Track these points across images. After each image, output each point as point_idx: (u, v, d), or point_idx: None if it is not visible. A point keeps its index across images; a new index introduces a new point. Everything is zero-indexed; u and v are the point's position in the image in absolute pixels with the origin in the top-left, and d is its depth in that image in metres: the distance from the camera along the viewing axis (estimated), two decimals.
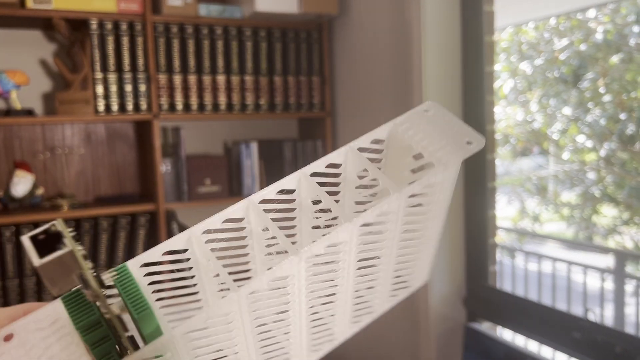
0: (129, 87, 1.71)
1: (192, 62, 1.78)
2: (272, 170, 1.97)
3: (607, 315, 2.92)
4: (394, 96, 1.67)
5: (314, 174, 0.34)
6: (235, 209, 0.33)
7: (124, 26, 1.69)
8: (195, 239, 0.32)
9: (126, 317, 0.28)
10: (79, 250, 0.28)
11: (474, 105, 1.53)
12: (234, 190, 1.95)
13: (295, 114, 1.94)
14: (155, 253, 0.31)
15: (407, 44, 1.56)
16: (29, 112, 1.68)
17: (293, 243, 0.30)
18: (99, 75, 1.67)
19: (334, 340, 0.36)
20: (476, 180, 1.54)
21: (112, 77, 1.69)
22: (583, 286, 2.87)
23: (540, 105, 3.88)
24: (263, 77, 1.88)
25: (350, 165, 0.35)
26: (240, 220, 0.33)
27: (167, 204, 1.80)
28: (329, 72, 1.99)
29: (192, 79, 1.79)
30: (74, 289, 0.28)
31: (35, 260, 0.26)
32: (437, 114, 0.35)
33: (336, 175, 0.35)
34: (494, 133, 1.54)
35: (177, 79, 1.77)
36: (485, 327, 1.52)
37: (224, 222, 0.33)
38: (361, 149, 0.34)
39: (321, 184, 0.34)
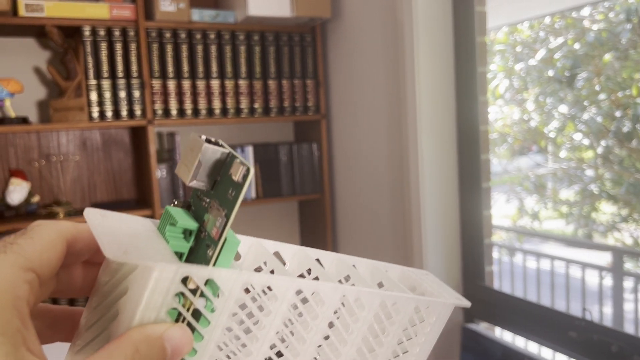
0: (123, 94, 1.71)
1: (185, 67, 1.79)
2: (268, 174, 1.97)
3: (605, 313, 2.92)
4: (387, 97, 1.67)
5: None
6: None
7: (117, 33, 1.69)
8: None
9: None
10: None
11: (467, 106, 1.53)
12: None
13: (290, 117, 1.94)
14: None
15: (399, 46, 1.56)
16: (23, 120, 1.68)
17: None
18: (92, 82, 1.67)
19: None
20: (471, 181, 1.54)
21: (106, 83, 1.69)
22: (582, 284, 2.87)
23: (537, 104, 3.88)
24: (257, 81, 1.88)
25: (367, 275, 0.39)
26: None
27: (164, 209, 1.79)
28: (323, 75, 1.99)
29: (186, 84, 1.79)
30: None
31: (203, 141, 0.27)
32: (433, 279, 0.41)
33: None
34: (487, 133, 1.54)
35: (171, 85, 1.77)
36: (482, 327, 1.52)
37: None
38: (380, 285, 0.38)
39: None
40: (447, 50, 1.54)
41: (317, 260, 0.37)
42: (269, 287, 0.29)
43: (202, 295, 0.27)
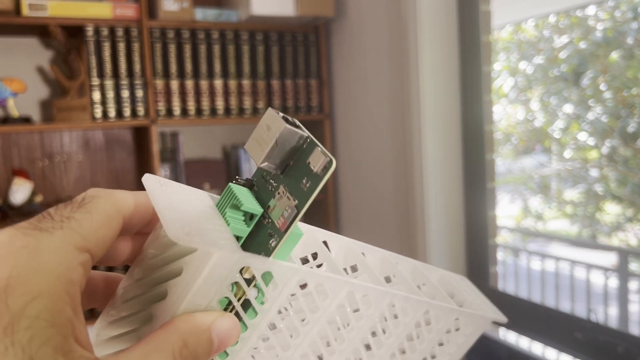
0: (126, 93, 1.71)
1: (189, 66, 1.78)
2: None
3: (611, 314, 2.91)
4: (391, 97, 1.66)
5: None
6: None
7: (120, 32, 1.69)
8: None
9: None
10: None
11: (472, 106, 1.52)
12: None
13: (293, 116, 1.93)
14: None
15: (404, 45, 1.56)
16: (26, 120, 1.68)
17: None
18: (95, 81, 1.67)
19: None
20: (476, 181, 1.53)
21: (109, 83, 1.69)
22: (587, 285, 2.85)
23: (541, 103, 3.87)
24: (260, 81, 1.88)
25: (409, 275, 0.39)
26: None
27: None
28: (327, 75, 1.98)
29: (189, 83, 1.78)
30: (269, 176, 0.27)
31: (283, 122, 0.25)
32: (470, 285, 0.41)
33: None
34: (492, 133, 1.53)
35: (174, 84, 1.77)
36: (487, 328, 1.51)
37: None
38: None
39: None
40: (451, 49, 1.53)
41: (362, 254, 0.36)
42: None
43: (255, 285, 0.26)
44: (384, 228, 1.76)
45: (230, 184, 0.27)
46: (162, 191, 0.25)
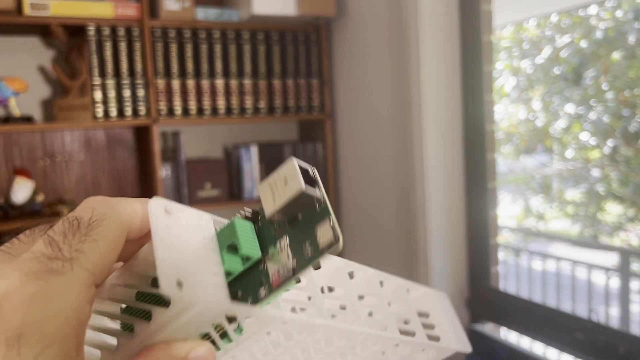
0: (127, 93, 1.71)
1: (190, 66, 1.78)
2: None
3: (612, 314, 2.90)
4: (393, 97, 1.66)
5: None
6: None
7: (121, 31, 1.69)
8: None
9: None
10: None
11: (474, 105, 1.52)
12: (234, 194, 1.94)
13: (294, 116, 1.93)
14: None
15: (405, 45, 1.55)
16: (28, 119, 1.68)
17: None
18: (97, 81, 1.67)
19: None
20: (477, 181, 1.53)
21: (111, 82, 1.69)
22: (588, 285, 2.85)
23: (543, 103, 3.86)
24: (262, 80, 1.88)
25: (386, 292, 0.40)
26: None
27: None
28: (328, 74, 1.98)
29: (191, 83, 1.78)
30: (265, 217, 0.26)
31: (302, 182, 0.24)
32: (447, 306, 0.41)
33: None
34: (493, 133, 1.53)
35: (176, 84, 1.77)
36: (488, 328, 1.51)
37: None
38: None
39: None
40: (453, 49, 1.53)
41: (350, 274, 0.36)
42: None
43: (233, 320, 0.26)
44: (385, 228, 1.76)
45: (234, 218, 0.27)
46: (165, 224, 0.25)
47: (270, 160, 1.96)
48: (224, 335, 0.26)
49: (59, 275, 0.22)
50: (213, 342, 0.26)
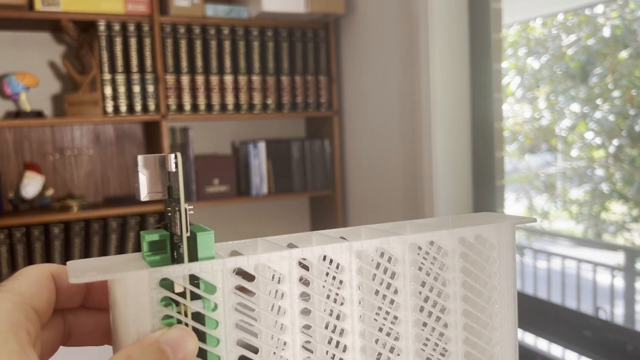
0: (137, 88, 1.71)
1: (199, 62, 1.79)
2: (280, 170, 1.97)
3: (617, 313, 2.91)
4: (401, 94, 1.67)
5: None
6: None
7: (131, 27, 1.69)
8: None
9: None
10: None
11: (482, 103, 1.52)
12: (242, 190, 1.95)
13: (302, 113, 1.94)
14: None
15: (414, 42, 1.56)
16: (38, 114, 1.69)
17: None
18: (107, 76, 1.68)
19: None
20: (485, 178, 1.54)
21: (120, 78, 1.70)
22: (593, 284, 2.85)
23: (548, 102, 3.86)
24: (270, 77, 1.88)
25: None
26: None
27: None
28: (336, 71, 1.98)
29: (200, 79, 1.79)
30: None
31: (139, 157, 0.28)
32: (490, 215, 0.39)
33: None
34: (502, 131, 1.53)
35: (185, 80, 1.78)
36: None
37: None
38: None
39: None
40: (462, 46, 1.54)
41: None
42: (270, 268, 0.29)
43: (194, 298, 0.27)
44: None
45: (141, 231, 0.30)
46: (83, 263, 0.27)
47: (278, 157, 1.97)
48: (201, 318, 0.27)
49: None
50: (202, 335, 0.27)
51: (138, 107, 1.72)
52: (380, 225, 0.36)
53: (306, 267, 0.30)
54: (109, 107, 1.69)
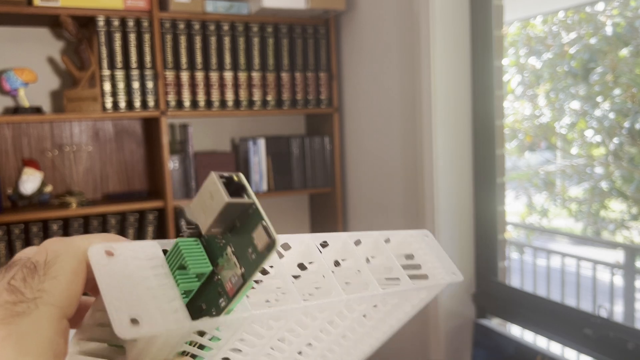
0: (136, 84, 1.71)
1: (199, 58, 1.78)
2: (280, 167, 1.96)
3: (617, 311, 2.91)
4: (402, 91, 1.66)
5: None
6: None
7: (131, 23, 1.69)
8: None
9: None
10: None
11: (483, 100, 1.52)
12: None
13: (302, 110, 1.93)
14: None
15: (415, 39, 1.55)
16: (37, 110, 1.68)
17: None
18: (106, 72, 1.67)
19: None
20: (486, 176, 1.53)
21: (120, 74, 1.69)
22: (592, 281, 2.85)
23: (548, 99, 3.85)
24: (270, 74, 1.87)
25: (366, 247, 0.39)
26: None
27: (176, 200, 1.80)
28: (337, 68, 1.98)
29: (200, 75, 1.78)
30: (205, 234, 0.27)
31: (226, 195, 0.25)
32: (432, 242, 0.41)
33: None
34: (503, 128, 1.53)
35: (185, 76, 1.77)
36: (494, 323, 1.52)
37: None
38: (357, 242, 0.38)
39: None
40: (463, 43, 1.53)
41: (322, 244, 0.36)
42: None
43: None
44: (392, 222, 1.76)
45: (178, 239, 0.27)
46: (107, 267, 0.25)
47: (278, 154, 1.97)
48: (202, 346, 0.27)
49: (25, 316, 0.23)
50: (193, 356, 0.27)
51: (137, 103, 1.71)
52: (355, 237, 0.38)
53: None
54: (108, 103, 1.68)
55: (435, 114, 1.51)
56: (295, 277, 0.34)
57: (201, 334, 0.26)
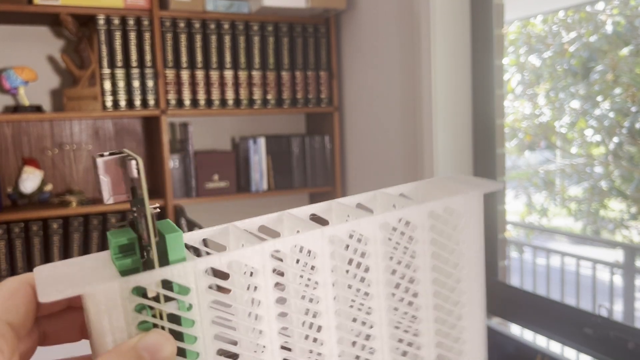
0: (136, 83, 1.70)
1: (199, 57, 1.78)
2: (280, 166, 1.96)
3: (616, 310, 2.91)
4: (402, 90, 1.66)
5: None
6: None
7: (131, 22, 1.68)
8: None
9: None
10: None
11: (484, 99, 1.51)
12: (242, 186, 1.94)
13: (302, 109, 1.93)
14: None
15: (415, 38, 1.55)
16: (37, 109, 1.68)
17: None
18: (106, 71, 1.67)
19: None
20: (486, 175, 1.53)
21: (120, 73, 1.68)
22: (592, 281, 2.85)
23: (548, 99, 3.85)
24: (270, 72, 1.87)
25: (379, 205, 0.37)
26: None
27: (176, 199, 1.80)
28: (337, 67, 1.98)
29: (200, 74, 1.78)
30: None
31: (98, 160, 0.27)
32: (459, 179, 0.39)
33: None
34: (503, 127, 1.53)
35: (185, 75, 1.76)
36: (494, 322, 1.52)
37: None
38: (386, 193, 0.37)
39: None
40: (464, 42, 1.53)
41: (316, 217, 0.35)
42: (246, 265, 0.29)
43: (168, 299, 0.27)
44: None
45: (107, 232, 0.29)
46: (47, 273, 0.26)
47: (278, 153, 1.96)
48: (177, 319, 0.27)
49: None
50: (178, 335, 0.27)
51: (137, 102, 1.71)
52: (349, 198, 0.36)
53: (280, 258, 0.30)
54: (108, 102, 1.68)
55: (435, 113, 1.51)
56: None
57: (159, 299, 0.26)
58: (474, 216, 0.35)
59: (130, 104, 1.70)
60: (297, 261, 0.30)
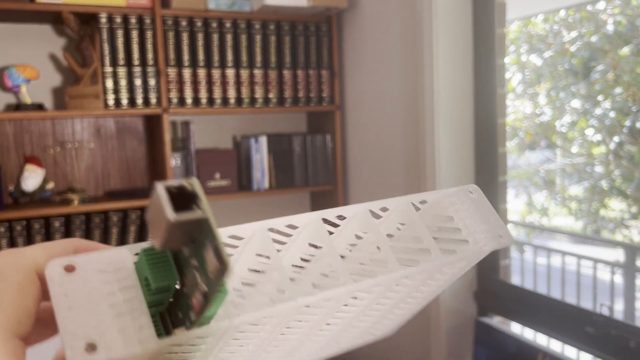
0: (138, 81, 1.71)
1: (201, 56, 1.78)
2: (282, 165, 1.97)
3: (617, 310, 2.91)
4: (404, 89, 1.66)
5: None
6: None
7: (133, 20, 1.68)
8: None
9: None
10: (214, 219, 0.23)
11: (486, 99, 1.52)
12: (244, 185, 1.95)
13: (304, 107, 1.93)
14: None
15: (417, 37, 1.55)
16: (39, 107, 1.68)
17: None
18: (108, 69, 1.67)
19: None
20: (488, 174, 1.53)
21: (122, 71, 1.69)
22: (592, 280, 2.85)
23: (549, 98, 3.85)
24: (272, 71, 1.87)
25: (395, 215, 0.35)
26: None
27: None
28: (338, 66, 1.98)
29: (202, 72, 1.78)
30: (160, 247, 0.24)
31: (170, 213, 0.21)
32: (479, 198, 0.36)
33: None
34: (505, 126, 1.53)
35: (187, 73, 1.77)
36: (496, 321, 1.52)
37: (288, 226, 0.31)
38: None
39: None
40: (466, 41, 1.53)
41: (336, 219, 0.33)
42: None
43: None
44: None
45: (142, 249, 0.25)
46: (64, 287, 0.23)
47: (280, 151, 1.97)
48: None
49: None
50: None
51: (139, 100, 1.71)
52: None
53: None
54: (110, 100, 1.68)
55: (437, 112, 1.51)
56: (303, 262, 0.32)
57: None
58: (469, 264, 0.35)
59: (132, 102, 1.70)
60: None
